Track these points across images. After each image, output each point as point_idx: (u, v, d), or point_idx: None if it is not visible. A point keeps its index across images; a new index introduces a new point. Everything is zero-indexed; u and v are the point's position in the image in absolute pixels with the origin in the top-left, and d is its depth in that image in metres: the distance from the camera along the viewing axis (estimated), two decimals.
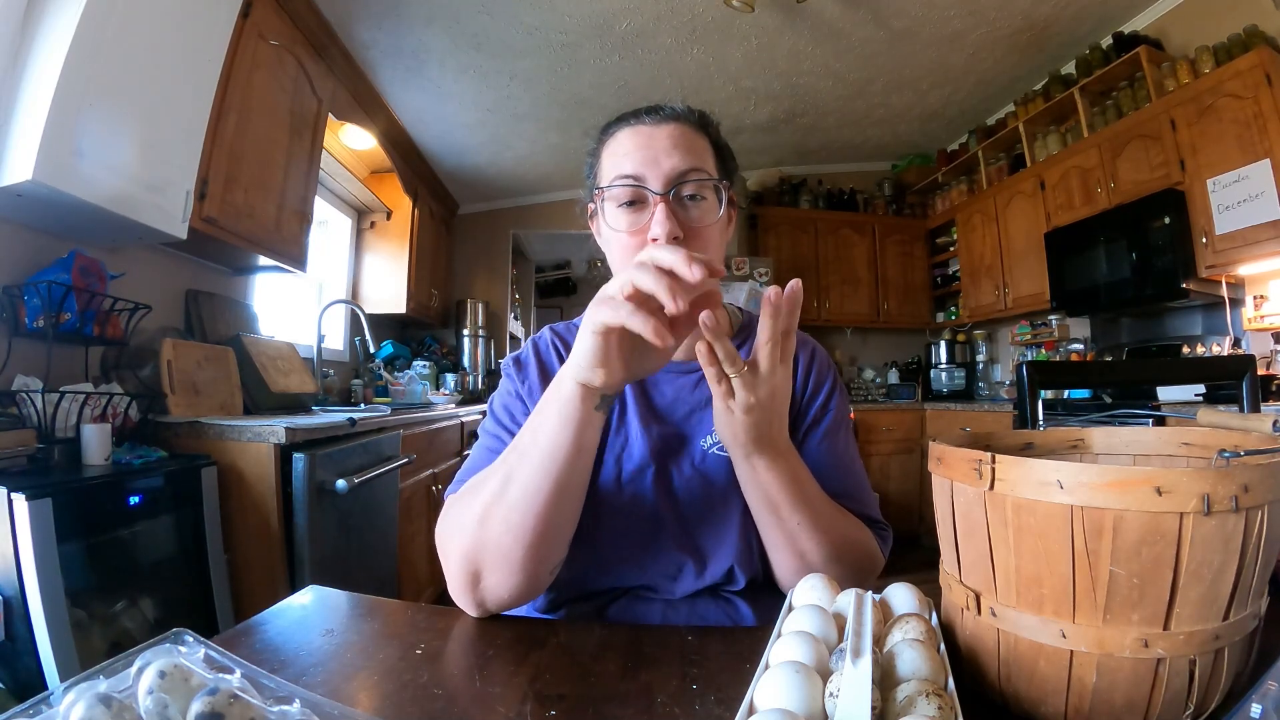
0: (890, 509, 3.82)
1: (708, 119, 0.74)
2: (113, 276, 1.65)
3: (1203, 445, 0.51)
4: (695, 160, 0.69)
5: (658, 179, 0.67)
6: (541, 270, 6.99)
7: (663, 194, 0.67)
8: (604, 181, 0.70)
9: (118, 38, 1.41)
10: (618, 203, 0.69)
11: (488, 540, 0.60)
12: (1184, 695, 0.38)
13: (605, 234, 0.72)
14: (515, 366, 0.79)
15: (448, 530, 0.65)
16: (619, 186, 0.68)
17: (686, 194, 0.68)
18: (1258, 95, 2.31)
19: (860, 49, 3.12)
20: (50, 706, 0.32)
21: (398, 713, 0.43)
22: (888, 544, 0.76)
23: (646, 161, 0.68)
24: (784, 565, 0.67)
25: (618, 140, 0.71)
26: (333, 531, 1.75)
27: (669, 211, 0.66)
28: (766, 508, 0.64)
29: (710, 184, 0.69)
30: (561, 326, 0.84)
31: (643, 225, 0.68)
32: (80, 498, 1.22)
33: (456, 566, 0.62)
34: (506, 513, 0.59)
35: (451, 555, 0.63)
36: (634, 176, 0.68)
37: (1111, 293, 2.97)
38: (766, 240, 4.35)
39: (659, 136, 0.69)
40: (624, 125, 0.72)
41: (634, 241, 0.68)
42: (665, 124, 0.70)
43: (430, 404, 3.22)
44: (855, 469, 0.78)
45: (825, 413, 0.78)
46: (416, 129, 3.50)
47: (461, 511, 0.64)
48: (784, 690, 0.36)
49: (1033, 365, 1.06)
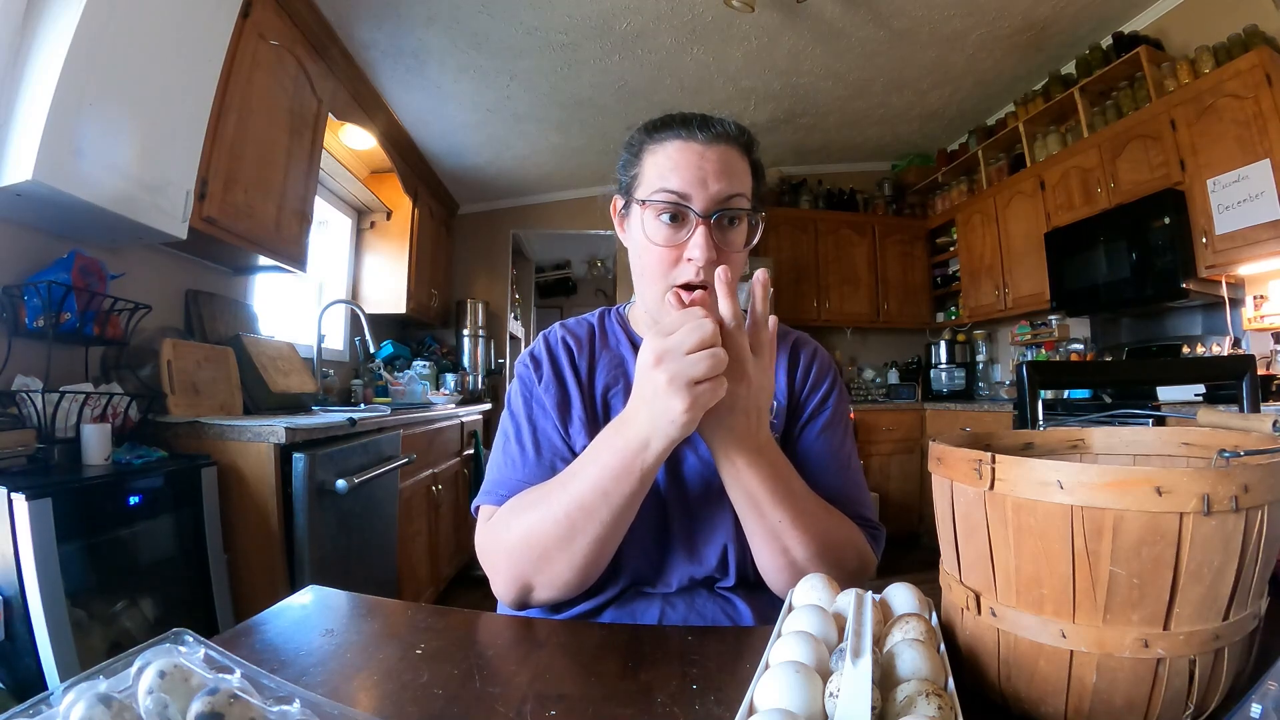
0: (890, 509, 3.82)
1: (753, 141, 0.75)
2: (113, 276, 1.65)
3: (1203, 445, 0.51)
4: (739, 186, 0.70)
5: (702, 201, 0.68)
6: (541, 270, 7.00)
7: (705, 218, 0.68)
8: (648, 192, 0.71)
9: (118, 38, 1.41)
10: (658, 214, 0.70)
11: (548, 574, 0.65)
12: (1184, 695, 0.38)
13: (639, 240, 0.73)
14: (531, 363, 0.80)
15: (495, 549, 0.69)
16: (661, 201, 0.69)
17: (726, 218, 0.70)
18: (1258, 95, 2.31)
19: (860, 49, 3.12)
20: (50, 706, 0.32)
21: (398, 713, 0.43)
22: (880, 544, 0.77)
23: (695, 182, 0.68)
24: (769, 563, 0.67)
25: (666, 151, 0.71)
26: (333, 531, 1.75)
27: (709, 236, 0.68)
28: (749, 504, 0.64)
29: (747, 208, 0.71)
30: (572, 322, 0.85)
31: (681, 242, 0.69)
32: (80, 498, 1.22)
33: (506, 583, 0.68)
34: (571, 558, 0.64)
35: (502, 572, 0.68)
36: (680, 194, 0.68)
37: (1111, 293, 2.97)
38: (766, 240, 4.34)
39: (710, 158, 0.69)
40: (675, 136, 0.71)
41: (671, 255, 0.70)
42: (717, 145, 0.70)
43: (430, 404, 3.22)
44: (850, 466, 0.79)
45: (823, 408, 0.79)
46: (416, 129, 3.50)
47: (509, 536, 0.67)
48: (784, 690, 0.36)
49: (1033, 365, 1.06)
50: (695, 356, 0.53)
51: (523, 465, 0.74)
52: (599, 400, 0.77)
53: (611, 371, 0.78)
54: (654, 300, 0.72)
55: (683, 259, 0.68)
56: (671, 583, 0.71)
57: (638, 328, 0.83)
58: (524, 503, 0.68)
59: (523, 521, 0.66)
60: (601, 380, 0.78)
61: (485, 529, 0.72)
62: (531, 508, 0.66)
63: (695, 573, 0.72)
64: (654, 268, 0.71)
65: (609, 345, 0.82)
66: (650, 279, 0.71)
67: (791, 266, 4.30)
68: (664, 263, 0.70)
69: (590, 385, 0.78)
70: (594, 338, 0.82)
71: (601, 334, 0.83)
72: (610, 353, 0.81)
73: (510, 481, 0.74)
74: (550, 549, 0.64)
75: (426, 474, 2.72)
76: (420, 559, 2.62)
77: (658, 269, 0.70)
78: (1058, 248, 3.27)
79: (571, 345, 0.80)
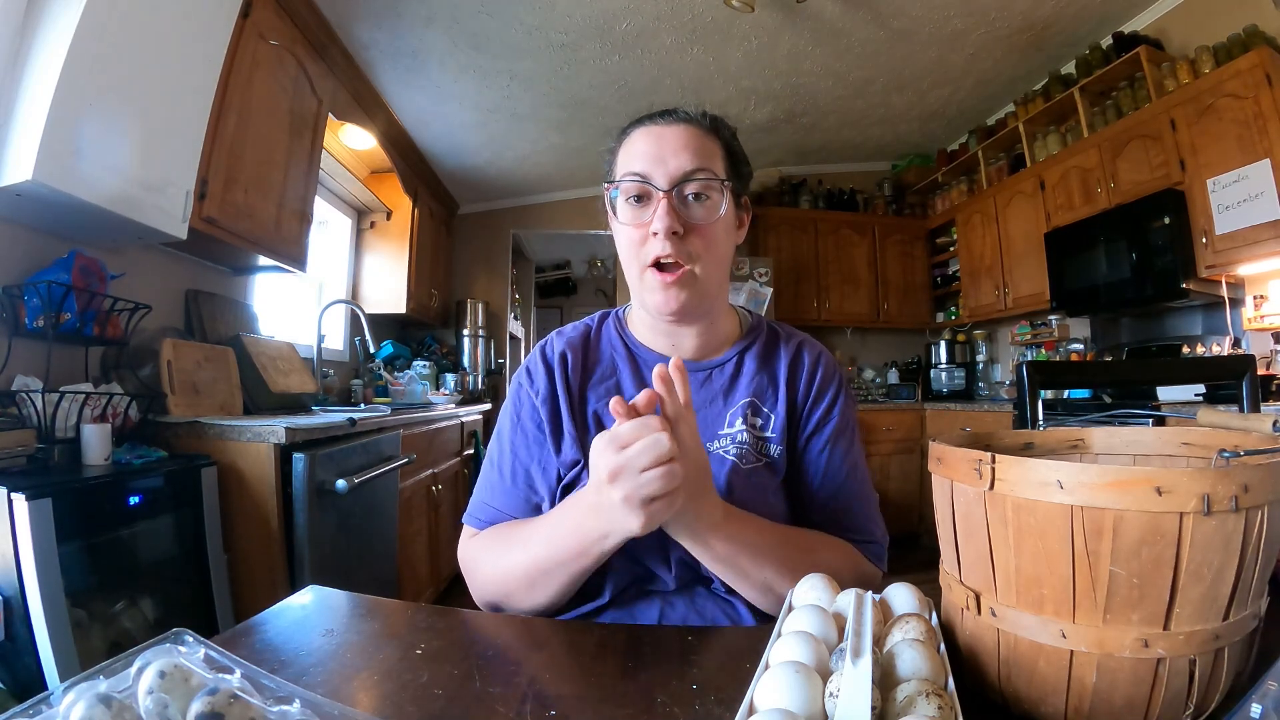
0: (890, 509, 3.82)
1: (720, 123, 0.77)
2: (113, 276, 1.65)
3: (1203, 445, 0.51)
4: (702, 161, 0.72)
5: (663, 177, 0.71)
6: (541, 270, 7.00)
7: (666, 191, 0.70)
8: (616, 178, 0.74)
9: (118, 38, 1.41)
10: (625, 197, 0.73)
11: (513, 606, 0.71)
12: (1184, 695, 0.38)
13: (614, 226, 0.76)
14: (526, 379, 0.81)
15: (470, 569, 0.76)
16: (627, 182, 0.72)
17: (690, 192, 0.71)
18: (1258, 95, 2.31)
19: (860, 49, 3.12)
20: (50, 706, 0.32)
21: (398, 713, 0.43)
22: (883, 559, 0.77)
23: (654, 159, 0.71)
24: (765, 605, 0.68)
25: (632, 140, 0.75)
26: (333, 531, 1.75)
27: (670, 207, 0.70)
28: (731, 571, 0.65)
29: (715, 184, 0.72)
30: (569, 329, 0.85)
31: (646, 220, 0.71)
32: (80, 498, 1.22)
33: (479, 598, 0.74)
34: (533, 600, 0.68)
35: (475, 590, 0.75)
36: (641, 174, 0.71)
37: (1111, 293, 2.97)
38: (766, 240, 4.34)
39: (668, 137, 0.72)
40: (639, 126, 0.76)
41: (638, 234, 0.72)
42: (676, 125, 0.73)
43: (430, 404, 3.22)
44: (856, 478, 0.78)
45: (828, 420, 0.78)
46: (416, 129, 3.50)
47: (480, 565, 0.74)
48: (784, 690, 0.36)
49: (1033, 365, 1.06)
50: (650, 474, 0.53)
51: (500, 492, 0.79)
52: (589, 412, 0.78)
53: (601, 383, 0.79)
54: (634, 280, 0.75)
55: (649, 234, 0.71)
56: (670, 581, 0.71)
57: (635, 330, 0.83)
58: (496, 543, 0.74)
59: (492, 563, 0.72)
60: (592, 393, 0.79)
61: (464, 548, 0.79)
62: (501, 553, 0.72)
63: (693, 571, 0.72)
64: (627, 248, 0.74)
65: (601, 354, 0.82)
66: (627, 260, 0.75)
67: (791, 266, 4.30)
68: (634, 241, 0.73)
69: (581, 397, 0.79)
70: (587, 347, 0.83)
71: (596, 341, 0.84)
72: (603, 363, 0.81)
73: (488, 509, 0.79)
74: (514, 592, 0.69)
75: (426, 474, 2.72)
76: (420, 559, 2.62)
77: (629, 248, 0.74)
78: (1058, 248, 3.27)
79: (568, 356, 0.81)
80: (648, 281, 0.72)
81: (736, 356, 0.80)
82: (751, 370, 0.79)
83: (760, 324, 0.85)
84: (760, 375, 0.79)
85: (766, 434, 0.76)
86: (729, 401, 0.78)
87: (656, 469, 0.53)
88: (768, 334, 0.83)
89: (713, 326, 0.80)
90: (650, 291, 0.72)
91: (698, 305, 0.74)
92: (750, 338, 0.82)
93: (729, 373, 0.79)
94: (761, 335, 0.83)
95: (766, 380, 0.79)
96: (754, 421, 0.76)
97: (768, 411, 0.77)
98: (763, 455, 0.75)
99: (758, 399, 0.78)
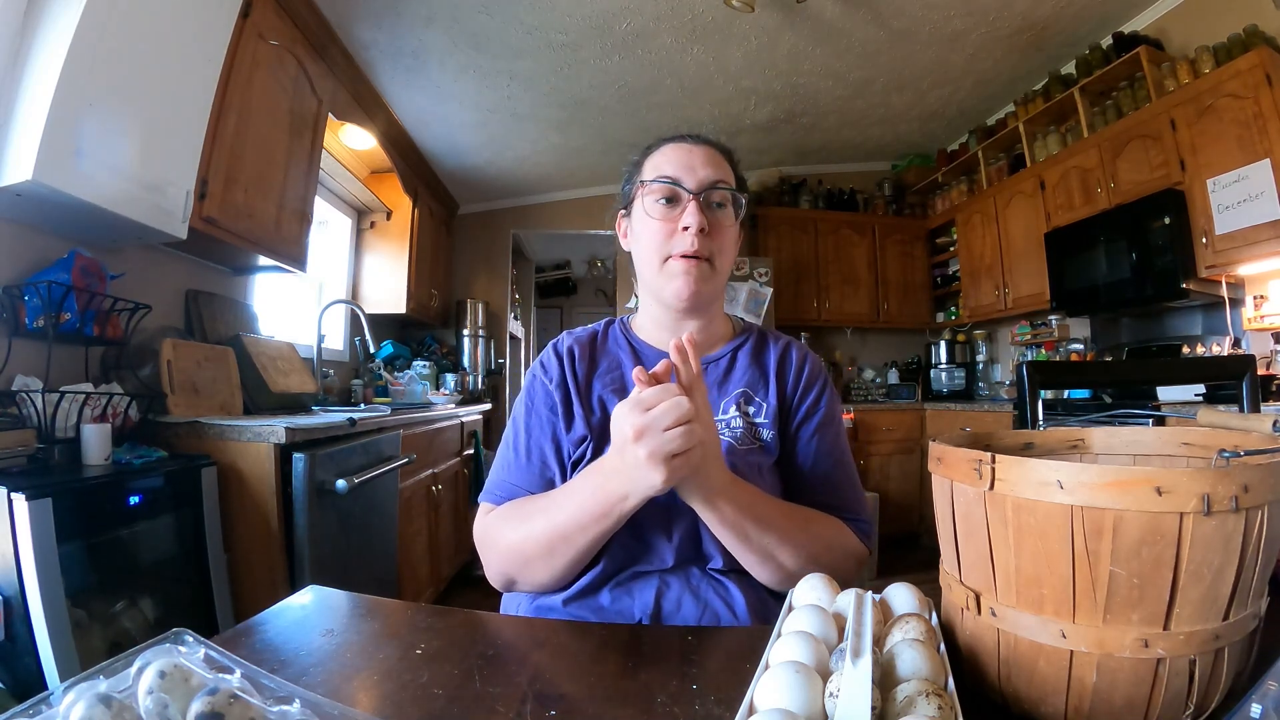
0: (890, 509, 3.82)
1: (732, 154, 0.90)
2: (113, 276, 1.65)
3: (1203, 445, 0.51)
4: (722, 175, 0.84)
5: (693, 182, 0.82)
6: (541, 270, 7.00)
7: (695, 194, 0.81)
8: (647, 179, 0.84)
9: (118, 38, 1.41)
10: (656, 197, 0.83)
11: (529, 577, 0.74)
12: (1184, 695, 0.38)
13: (639, 223, 0.85)
14: (541, 370, 0.89)
15: (487, 545, 0.79)
16: (660, 183, 0.83)
17: (714, 200, 0.83)
18: (1258, 95, 2.31)
19: (860, 49, 3.12)
20: (50, 706, 0.32)
21: (398, 713, 0.43)
22: (870, 538, 0.84)
23: (685, 168, 0.83)
24: (764, 576, 0.73)
25: (662, 152, 0.86)
26: (333, 531, 1.75)
27: (699, 208, 0.81)
28: (736, 536, 0.70)
29: (730, 194, 0.84)
30: (579, 330, 0.93)
31: (675, 216, 0.82)
32: (80, 498, 1.22)
33: (494, 575, 0.78)
34: (551, 569, 0.72)
35: (491, 565, 0.78)
36: (673, 178, 0.82)
37: (1111, 293, 2.97)
38: (766, 240, 4.34)
39: (696, 153, 0.84)
40: (669, 142, 0.87)
41: (667, 228, 0.82)
42: (701, 145, 0.86)
43: (430, 404, 3.22)
44: (843, 463, 0.86)
45: (816, 409, 0.86)
46: (416, 129, 3.50)
47: (499, 537, 0.77)
48: (784, 690, 0.36)
49: (1033, 365, 1.06)
50: (673, 433, 0.59)
51: (516, 470, 0.84)
52: (595, 400, 0.84)
53: (608, 374, 0.87)
54: (652, 271, 0.83)
55: (678, 230, 0.81)
56: (669, 557, 0.74)
57: (640, 333, 0.92)
58: (515, 514, 0.77)
59: (511, 533, 0.75)
60: (598, 382, 0.86)
61: (481, 524, 0.82)
62: (520, 523, 0.75)
63: (689, 551, 0.75)
64: (650, 240, 0.83)
65: (608, 350, 0.90)
66: (649, 253, 0.83)
67: (791, 266, 4.30)
68: (661, 235, 0.82)
69: (588, 385, 0.86)
70: (595, 343, 0.91)
71: (603, 339, 0.92)
72: (609, 357, 0.89)
73: (505, 484, 0.83)
74: (532, 560, 0.73)
75: (426, 474, 2.72)
76: (420, 559, 2.62)
77: (654, 240, 0.82)
78: (1058, 248, 3.27)
79: (575, 351, 0.89)
80: (670, 269, 0.81)
81: (730, 352, 0.89)
82: (744, 365, 0.88)
83: (751, 328, 0.95)
84: (752, 369, 0.88)
85: (759, 420, 0.84)
86: (723, 391, 0.86)
87: (678, 428, 0.59)
88: (758, 335, 0.93)
89: (711, 324, 0.90)
90: (671, 278, 0.81)
91: (708, 296, 0.84)
92: (743, 337, 0.92)
93: (724, 366, 0.88)
94: (753, 336, 0.92)
95: (758, 374, 0.87)
96: (746, 409, 0.84)
97: (759, 400, 0.85)
98: (756, 439, 0.83)
99: (750, 389, 0.86)
